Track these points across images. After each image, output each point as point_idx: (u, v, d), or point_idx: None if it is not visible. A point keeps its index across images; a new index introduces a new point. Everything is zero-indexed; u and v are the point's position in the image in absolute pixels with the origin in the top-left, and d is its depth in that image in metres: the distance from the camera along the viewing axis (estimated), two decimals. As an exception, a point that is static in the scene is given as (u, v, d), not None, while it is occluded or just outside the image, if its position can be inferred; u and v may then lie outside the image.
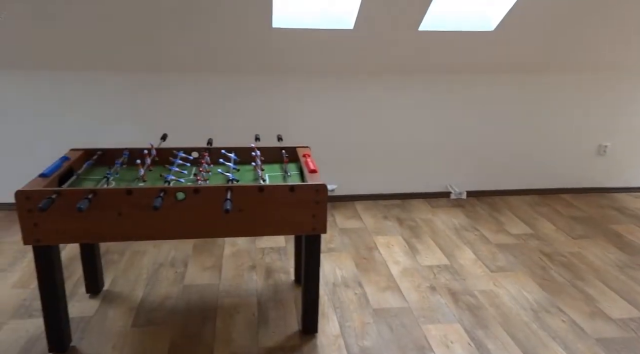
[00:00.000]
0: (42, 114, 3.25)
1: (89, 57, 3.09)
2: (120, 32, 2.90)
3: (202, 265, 2.75)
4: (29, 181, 3.34)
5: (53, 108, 3.25)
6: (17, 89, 3.18)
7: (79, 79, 3.21)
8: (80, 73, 3.20)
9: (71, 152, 2.27)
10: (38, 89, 3.20)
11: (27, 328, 2.16)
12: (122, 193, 1.82)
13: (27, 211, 1.77)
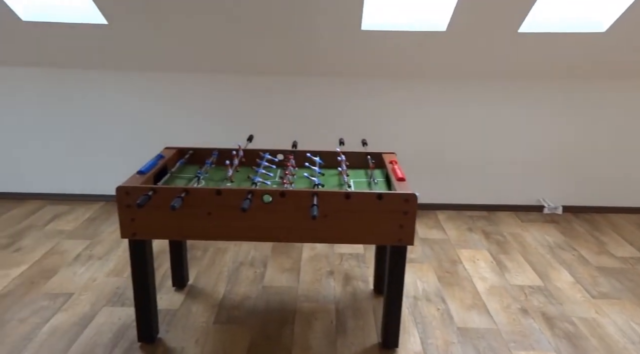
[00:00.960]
0: (141, 113, 3.46)
1: (184, 59, 3.23)
2: (213, 34, 3.00)
3: (280, 267, 2.76)
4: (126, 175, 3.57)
5: (151, 107, 3.44)
6: (123, 90, 3.40)
7: (174, 80, 3.38)
8: (175, 75, 3.36)
9: (165, 151, 2.37)
10: (139, 90, 3.40)
11: (120, 315, 2.28)
12: (212, 193, 1.86)
13: (126, 206, 1.86)
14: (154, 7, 2.81)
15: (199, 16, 2.86)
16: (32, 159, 3.54)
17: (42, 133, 3.49)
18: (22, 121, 3.46)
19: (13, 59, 3.26)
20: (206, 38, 3.03)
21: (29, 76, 3.35)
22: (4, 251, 2.85)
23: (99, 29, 2.98)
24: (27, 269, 2.65)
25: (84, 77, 3.36)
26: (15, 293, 2.43)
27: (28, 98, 3.41)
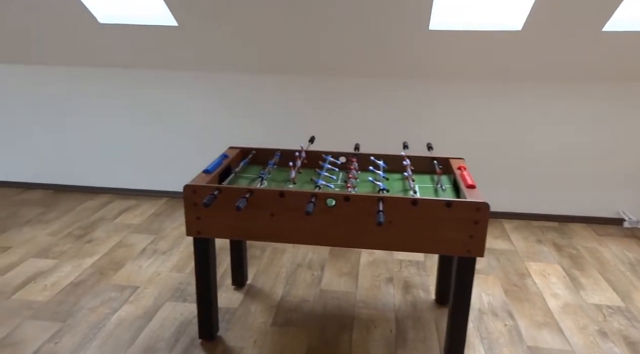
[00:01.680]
0: (206, 112, 3.54)
1: (249, 60, 3.27)
2: (278, 35, 3.01)
3: (338, 271, 2.72)
4: (189, 173, 3.68)
5: (216, 107, 3.52)
6: (190, 90, 3.50)
7: (239, 81, 3.43)
8: (240, 75, 3.41)
9: (229, 150, 2.40)
10: (206, 89, 3.49)
11: (182, 311, 2.33)
12: (276, 195, 1.84)
13: (193, 204, 1.89)
14: (222, 9, 2.86)
15: (264, 17, 2.88)
16: (104, 155, 3.73)
17: (113, 131, 3.66)
18: (95, 119, 3.64)
19: (89, 60, 3.44)
20: (271, 39, 3.05)
21: (102, 76, 3.53)
22: (78, 241, 3.01)
23: (169, 31, 3.08)
24: (97, 260, 2.78)
25: (154, 77, 3.49)
26: (86, 282, 2.55)
27: (101, 97, 3.58)
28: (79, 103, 3.62)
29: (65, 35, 3.23)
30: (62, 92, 3.60)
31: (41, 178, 3.83)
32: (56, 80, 3.57)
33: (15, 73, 3.58)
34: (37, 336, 2.11)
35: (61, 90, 3.59)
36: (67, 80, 3.56)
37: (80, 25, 3.11)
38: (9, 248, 2.88)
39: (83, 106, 3.63)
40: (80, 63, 3.48)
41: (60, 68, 3.53)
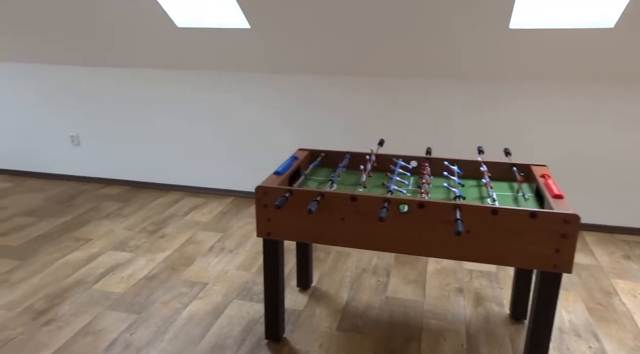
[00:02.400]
0: (275, 113, 3.59)
1: (320, 62, 3.27)
2: (348, 37, 2.98)
3: (405, 278, 2.65)
4: (256, 173, 3.74)
5: (285, 108, 3.55)
6: (259, 91, 3.56)
7: (308, 82, 3.44)
8: (309, 77, 3.42)
9: (299, 152, 2.40)
10: (275, 91, 3.53)
11: (248, 310, 2.36)
12: (347, 199, 1.81)
13: (264, 205, 1.90)
14: (292, 11, 2.87)
15: (334, 18, 2.86)
16: (177, 154, 3.88)
17: (186, 131, 3.80)
18: (171, 120, 3.80)
19: (167, 62, 3.59)
20: (341, 40, 3.02)
21: (178, 78, 3.67)
22: (151, 236, 3.14)
23: (242, 33, 3.14)
24: (169, 255, 2.89)
25: (226, 79, 3.58)
26: (159, 276, 2.65)
27: (176, 99, 3.73)
28: (157, 104, 3.79)
29: (145, 39, 3.39)
30: (142, 94, 3.79)
31: (121, 174, 4.06)
32: (136, 83, 3.76)
33: (99, 75, 3.81)
34: (115, 327, 2.21)
35: (141, 92, 3.78)
36: (147, 82, 3.74)
37: (160, 28, 3.25)
38: (90, 240, 3.06)
39: (160, 107, 3.79)
40: (158, 66, 3.64)
41: (141, 70, 3.72)
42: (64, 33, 3.47)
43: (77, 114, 3.96)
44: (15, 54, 3.83)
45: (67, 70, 3.85)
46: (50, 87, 3.94)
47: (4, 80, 4.01)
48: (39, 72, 3.91)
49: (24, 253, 2.87)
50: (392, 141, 3.36)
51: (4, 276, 2.62)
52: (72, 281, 2.58)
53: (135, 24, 3.25)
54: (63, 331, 2.17)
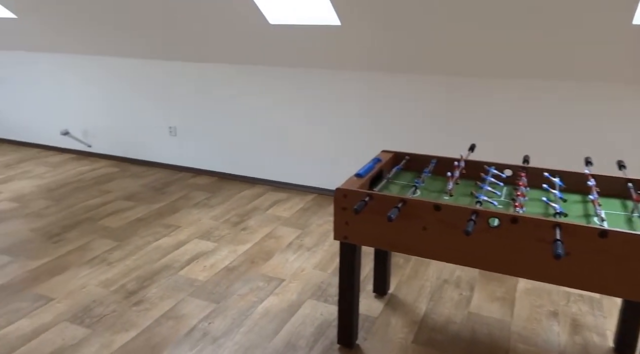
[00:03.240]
0: (361, 112, 3.52)
1: (410, 60, 3.14)
2: (442, 35, 2.82)
3: (490, 294, 2.45)
4: (338, 172, 3.71)
5: (372, 107, 3.48)
6: (346, 88, 3.52)
7: (398, 81, 3.33)
8: (399, 75, 3.30)
9: (382, 154, 2.31)
10: (362, 89, 3.47)
11: (322, 311, 2.33)
12: (431, 207, 1.69)
13: (342, 208, 1.85)
14: (384, 8, 2.78)
15: (428, 16, 2.72)
16: (263, 149, 3.97)
17: (273, 126, 3.86)
18: (258, 115, 3.89)
19: (258, 58, 3.67)
20: (434, 39, 2.87)
21: (269, 75, 3.74)
22: (234, 227, 3.24)
23: (332, 30, 3.11)
24: (250, 248, 2.95)
25: (316, 76, 3.58)
26: (239, 268, 2.72)
27: (266, 95, 3.81)
28: (247, 100, 3.90)
29: (239, 36, 3.49)
30: (234, 90, 3.92)
31: (210, 165, 4.25)
32: (229, 78, 3.90)
33: (196, 70, 4.00)
34: (195, 314, 2.30)
35: (233, 87, 3.92)
36: (239, 78, 3.86)
37: (253, 25, 3.33)
38: (179, 227, 3.23)
39: (251, 103, 3.90)
40: (251, 62, 3.74)
41: (234, 66, 3.84)
42: (166, 31, 3.69)
43: (175, 106, 4.20)
44: (125, 51, 4.15)
45: (168, 66, 4.09)
46: (153, 81, 4.22)
47: (115, 74, 4.37)
48: (143, 67, 4.21)
49: (122, 235, 3.10)
50: (485, 146, 3.14)
51: (104, 255, 2.84)
52: (160, 265, 2.74)
53: (230, 21, 3.36)
54: (150, 312, 2.30)
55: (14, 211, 3.45)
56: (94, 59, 4.40)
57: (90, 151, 4.78)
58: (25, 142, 5.13)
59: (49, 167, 4.43)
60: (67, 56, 4.52)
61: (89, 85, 4.53)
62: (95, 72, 4.45)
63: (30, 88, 4.85)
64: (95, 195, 3.77)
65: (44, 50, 4.60)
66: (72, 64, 4.52)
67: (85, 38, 4.14)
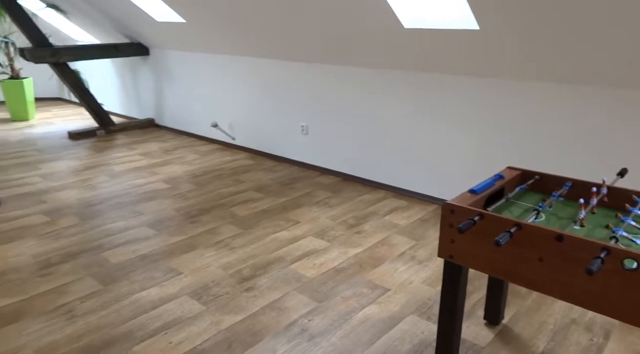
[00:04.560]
0: (494, 124, 3.27)
1: (553, 69, 2.81)
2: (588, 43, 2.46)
3: (629, 346, 2.07)
4: (461, 184, 3.49)
5: (500, 118, 3.20)
6: (483, 96, 3.30)
7: (530, 90, 3.01)
8: (533, 84, 2.98)
9: (507, 171, 2.10)
10: (493, 96, 3.21)
11: (423, 329, 2.22)
12: (551, 237, 1.49)
13: (449, 224, 1.73)
14: (526, 13, 2.52)
15: (575, 22, 2.38)
16: (388, 153, 3.92)
17: (399, 131, 3.79)
18: (385, 118, 3.85)
19: (393, 63, 3.63)
20: (578, 47, 2.51)
21: (400, 79, 3.68)
22: (349, 230, 3.26)
23: (470, 35, 2.93)
24: (361, 252, 2.95)
25: (449, 81, 3.42)
26: (346, 271, 2.73)
27: (396, 98, 3.75)
28: (377, 103, 3.89)
29: (373, 39, 3.49)
30: (365, 92, 3.95)
31: (335, 165, 4.35)
32: (361, 81, 3.94)
33: (330, 72, 4.12)
34: (298, 309, 2.37)
35: (365, 90, 3.94)
36: (371, 81, 3.87)
37: (387, 29, 3.30)
38: (298, 223, 3.37)
39: (379, 106, 3.89)
40: (384, 66, 3.72)
41: (367, 69, 3.87)
42: (306, 35, 3.86)
43: (309, 106, 4.39)
44: (271, 53, 4.46)
45: (307, 67, 4.29)
46: (293, 82, 4.46)
47: (260, 74, 4.73)
48: (285, 68, 4.47)
49: (246, 223, 3.34)
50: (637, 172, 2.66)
51: (228, 240, 3.10)
52: (275, 256, 2.89)
53: (364, 24, 3.38)
54: (257, 300, 2.45)
55: (165, 191, 3.96)
56: (243, 60, 4.82)
57: (234, 143, 5.25)
58: (183, 131, 5.85)
59: (198, 155, 4.98)
60: (221, 57, 5.03)
61: (238, 84, 4.98)
62: (243, 72, 4.87)
63: (192, 84, 5.52)
64: (231, 184, 4.13)
65: (204, 51, 5.19)
66: (225, 64, 5.02)
67: (238, 41, 4.56)
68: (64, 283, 2.57)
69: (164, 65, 5.79)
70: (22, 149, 5.13)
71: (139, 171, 4.45)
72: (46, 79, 7.73)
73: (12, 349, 2.06)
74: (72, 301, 2.41)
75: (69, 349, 2.07)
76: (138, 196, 3.81)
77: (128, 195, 3.83)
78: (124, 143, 5.43)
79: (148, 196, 3.83)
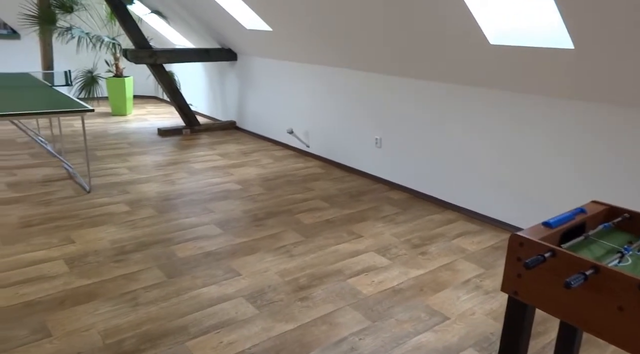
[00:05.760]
0: (577, 150, 2.99)
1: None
2: None
3: None
4: (541, 215, 3.23)
5: (589, 145, 2.92)
6: (580, 121, 3.05)
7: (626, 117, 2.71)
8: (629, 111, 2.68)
9: (591, 205, 1.89)
10: (593, 124, 2.94)
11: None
12: (634, 284, 1.31)
13: (516, 258, 1.59)
14: (627, 32, 2.27)
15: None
16: (461, 172, 3.74)
17: (475, 151, 3.60)
18: (463, 137, 3.68)
19: (476, 80, 3.47)
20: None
21: (484, 97, 3.50)
22: (413, 250, 3.15)
23: (564, 54, 2.71)
24: (423, 275, 2.82)
25: (531, 102, 3.20)
26: (405, 292, 2.63)
27: (475, 116, 3.57)
28: (454, 120, 3.74)
29: (455, 54, 3.36)
30: (442, 108, 3.81)
31: (405, 181, 4.23)
32: (439, 96, 3.81)
33: (406, 86, 4.03)
34: (349, 325, 2.32)
35: (442, 105, 3.81)
36: (449, 96, 3.73)
37: (472, 44, 3.16)
38: (361, 237, 3.31)
39: (457, 124, 3.73)
40: (464, 82, 3.57)
41: (446, 85, 3.74)
42: (386, 47, 3.81)
43: (385, 119, 4.33)
44: (349, 63, 4.47)
45: (384, 79, 4.24)
46: (369, 93, 4.43)
47: (336, 83, 4.76)
48: (363, 79, 4.45)
49: (309, 232, 3.35)
50: None
51: (289, 246, 3.13)
52: (333, 269, 2.86)
53: (448, 39, 3.26)
54: (310, 311, 2.43)
55: (237, 192, 4.09)
56: (324, 70, 4.87)
57: (307, 151, 5.32)
58: (262, 135, 6.04)
59: (272, 160, 5.11)
60: (302, 65, 5.13)
61: (316, 92, 5.04)
62: (322, 81, 4.92)
63: (273, 91, 5.68)
64: (299, 191, 4.17)
65: (286, 59, 5.33)
66: (306, 72, 5.11)
67: (320, 51, 4.62)
68: (133, 270, 2.73)
69: (249, 71, 6.02)
70: (117, 141, 5.59)
71: (216, 170, 4.65)
72: (144, 78, 8.38)
73: (82, 326, 2.22)
74: (138, 289, 2.55)
75: (130, 334, 2.18)
76: (211, 195, 3.97)
77: (202, 193, 4.01)
78: (205, 143, 5.72)
79: (220, 195, 3.98)
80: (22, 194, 3.76)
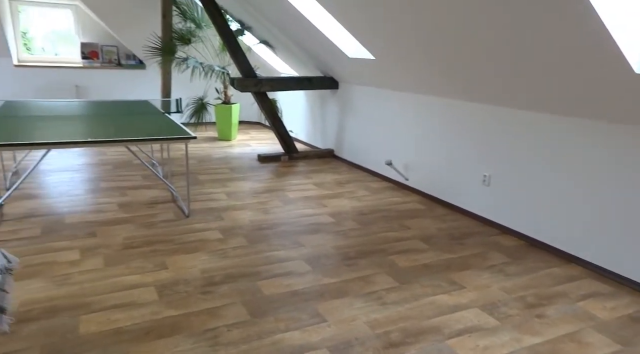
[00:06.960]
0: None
1: None
2: None
3: None
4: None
5: None
6: None
7: None
8: None
9: None
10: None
11: None
12: None
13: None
14: None
15: None
16: (586, 219, 3.17)
17: (607, 196, 3.03)
18: (589, 179, 3.13)
19: (613, 114, 2.95)
20: None
21: (625, 135, 2.96)
22: (528, 310, 2.68)
23: None
24: (540, 344, 2.36)
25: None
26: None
27: (603, 158, 3.03)
28: (580, 158, 3.21)
29: (587, 86, 2.89)
30: (564, 145, 3.30)
31: (519, 226, 3.73)
32: (559, 132, 3.31)
33: (521, 119, 3.57)
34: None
35: (565, 142, 3.30)
36: (577, 132, 3.22)
37: (611, 74, 2.68)
38: (463, 288, 2.92)
39: (583, 162, 3.20)
40: (598, 117, 3.05)
41: (564, 118, 3.24)
42: (500, 76, 3.43)
43: (494, 155, 3.89)
44: (455, 93, 4.12)
45: (495, 111, 3.82)
46: (476, 126, 4.03)
47: (437, 113, 4.42)
48: (469, 110, 4.07)
49: (404, 277, 3.03)
50: None
51: (381, 292, 2.84)
52: (429, 324, 2.51)
53: (583, 66, 2.81)
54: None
55: (329, 225, 3.91)
56: (426, 100, 4.57)
57: (406, 184, 5.00)
58: (359, 165, 5.85)
59: (369, 192, 4.87)
60: (404, 95, 4.88)
61: (418, 123, 4.74)
62: (425, 111, 4.62)
63: (372, 120, 5.49)
64: (396, 228, 3.87)
65: (388, 88, 5.11)
66: (408, 102, 4.84)
67: (423, 80, 4.34)
68: (218, 305, 2.64)
69: (350, 99, 5.91)
70: (219, 166, 5.77)
71: (310, 200, 4.53)
72: (249, 105, 8.71)
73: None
74: (221, 326, 2.44)
75: (206, 379, 2.05)
76: (303, 227, 3.84)
77: (294, 224, 3.89)
78: (302, 171, 5.67)
79: (312, 228, 3.82)
80: (130, 215, 3.94)
